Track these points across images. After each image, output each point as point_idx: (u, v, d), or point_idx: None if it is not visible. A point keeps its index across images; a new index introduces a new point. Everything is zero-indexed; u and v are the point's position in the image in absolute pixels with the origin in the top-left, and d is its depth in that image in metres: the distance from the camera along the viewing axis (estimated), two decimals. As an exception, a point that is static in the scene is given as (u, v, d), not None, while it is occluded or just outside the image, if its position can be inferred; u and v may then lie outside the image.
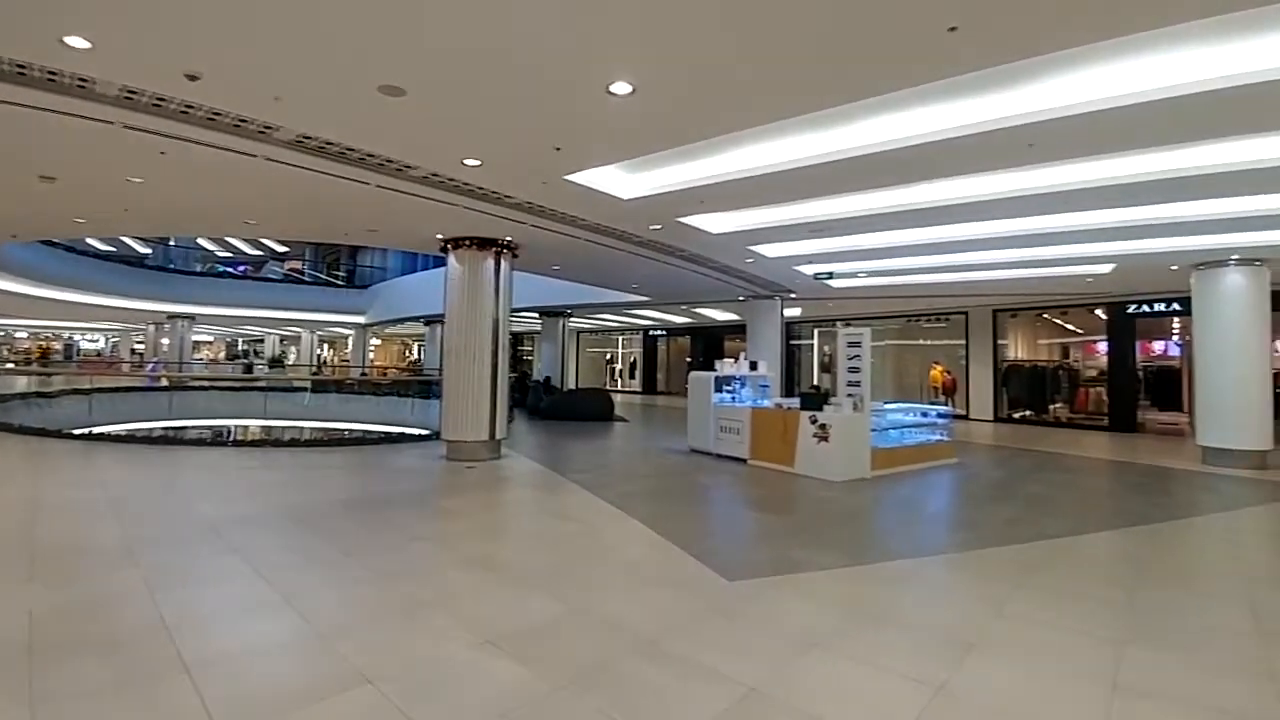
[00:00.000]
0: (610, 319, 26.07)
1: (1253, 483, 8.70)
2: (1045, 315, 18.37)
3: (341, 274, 30.63)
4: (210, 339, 42.71)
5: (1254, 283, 10.09)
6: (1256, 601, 4.21)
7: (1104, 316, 16.02)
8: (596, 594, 4.08)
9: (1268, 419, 10.06)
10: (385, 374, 29.77)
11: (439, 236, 9.58)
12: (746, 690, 2.88)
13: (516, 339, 34.08)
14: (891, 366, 21.28)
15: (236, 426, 15.11)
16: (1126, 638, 3.57)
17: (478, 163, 6.19)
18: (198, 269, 26.29)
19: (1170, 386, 16.05)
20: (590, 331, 31.19)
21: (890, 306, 17.96)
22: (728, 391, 10.65)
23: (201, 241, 27.62)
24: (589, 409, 16.13)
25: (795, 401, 9.38)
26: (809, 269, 12.33)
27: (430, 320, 23.75)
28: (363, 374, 24.20)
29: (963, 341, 18.36)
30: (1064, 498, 7.60)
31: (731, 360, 11.47)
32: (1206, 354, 10.57)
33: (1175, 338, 16.94)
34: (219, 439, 12.16)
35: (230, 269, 28.59)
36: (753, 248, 10.46)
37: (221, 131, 5.38)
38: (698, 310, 21.09)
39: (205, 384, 19.24)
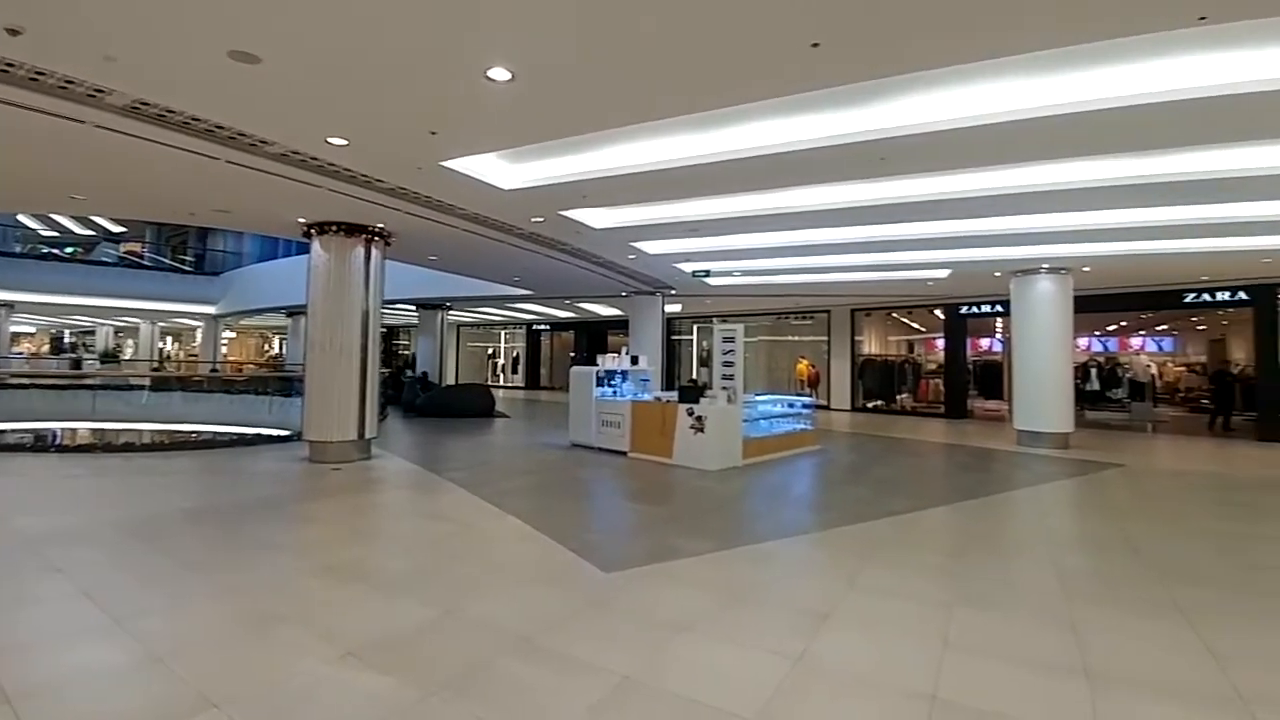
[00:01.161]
0: (492, 312, 25.43)
1: (1058, 460, 10.12)
2: (894, 314, 20.22)
3: (189, 259, 27.51)
4: (32, 330, 36.90)
5: (1060, 288, 11.72)
6: (1060, 563, 4.91)
7: (942, 316, 17.91)
8: (469, 595, 3.99)
9: (1069, 405, 11.77)
10: (240, 370, 27.09)
11: (301, 221, 8.88)
12: (620, 679, 2.95)
13: (390, 332, 32.33)
14: (763, 361, 22.47)
15: (61, 430, 13.17)
16: (956, 600, 4.04)
17: (344, 142, 5.81)
18: (16, 250, 22.55)
19: (994, 378, 18.26)
20: (471, 325, 30.24)
21: (763, 304, 18.95)
22: (609, 386, 10.76)
23: (22, 219, 23.67)
24: (468, 405, 15.68)
25: (675, 395, 9.68)
26: (688, 266, 12.72)
27: (293, 312, 21.97)
28: (214, 370, 21.85)
29: (825, 337, 19.77)
30: (907, 478, 8.45)
31: (614, 355, 11.60)
32: (1022, 349, 12.18)
33: (999, 335, 19.27)
34: (40, 444, 10.54)
35: (56, 250, 24.74)
36: (635, 244, 10.62)
37: (46, 94, 4.67)
38: (582, 305, 21.11)
39: (25, 381, 16.56)
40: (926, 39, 3.94)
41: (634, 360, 11.63)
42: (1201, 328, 20.35)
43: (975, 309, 16.71)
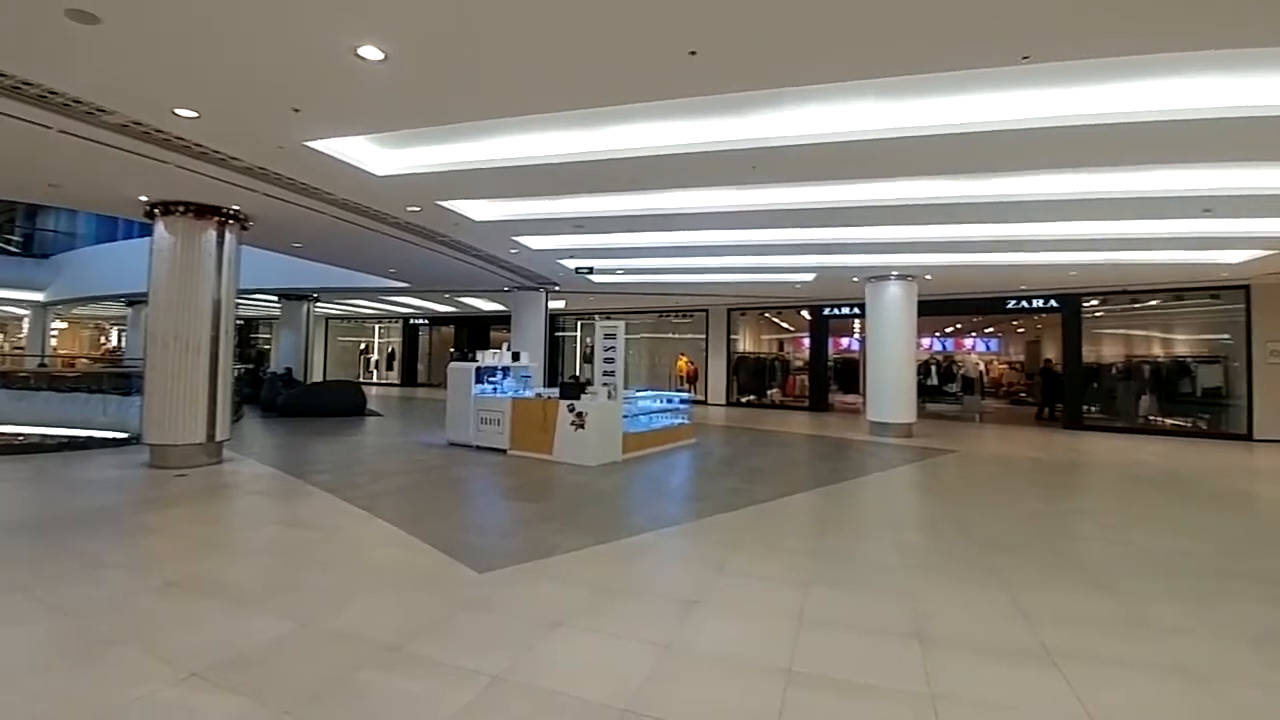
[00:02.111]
0: (365, 305, 24.01)
1: (903, 448, 11.20)
2: (767, 314, 21.40)
3: (15, 239, 23.73)
4: None
5: (906, 293, 12.97)
6: (901, 540, 5.46)
7: (808, 317, 19.19)
8: (331, 606, 3.79)
9: (913, 398, 13.10)
10: (73, 365, 23.53)
11: (143, 199, 7.92)
12: (490, 680, 2.94)
13: (248, 325, 29.60)
14: (645, 358, 22.95)
15: None
16: (812, 580, 4.38)
17: (194, 115, 5.27)
18: None
19: (852, 374, 19.91)
20: (341, 318, 28.37)
21: (645, 302, 19.35)
22: (490, 382, 10.56)
23: None
24: (336, 404, 14.71)
25: (556, 391, 9.66)
26: (571, 263, 12.72)
27: (134, 300, 19.56)
28: (42, 365, 18.85)
29: (704, 336, 20.54)
30: (773, 468, 9.00)
31: (495, 351, 11.38)
32: (874, 348, 13.37)
33: (857, 335, 20.96)
34: None
35: None
36: (517, 238, 10.47)
37: None
38: (463, 299, 20.47)
39: None
40: (789, 61, 4.23)
41: (515, 356, 11.48)
42: (1020, 330, 23.41)
43: (837, 311, 18.07)
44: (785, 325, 22.60)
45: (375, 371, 28.20)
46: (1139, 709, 2.81)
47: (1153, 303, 14.76)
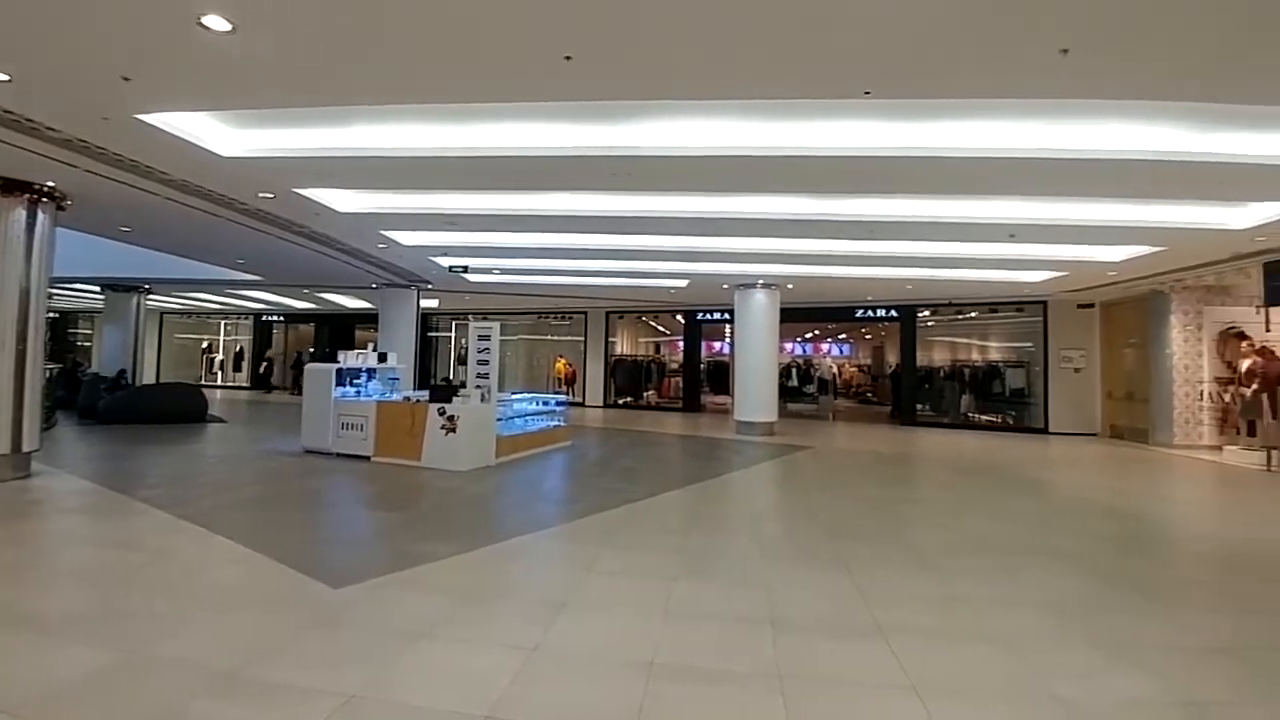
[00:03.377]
0: (208, 299, 21.71)
1: (765, 445, 11.94)
2: (644, 318, 21.90)
3: None
4: None
5: (770, 301, 13.85)
6: (759, 532, 5.85)
7: (682, 321, 19.89)
8: (160, 633, 3.43)
9: (774, 399, 14.00)
10: None
11: (-73, 170, 6.71)
12: (345, 700, 2.80)
13: (64, 319, 25.70)
14: (524, 359, 22.65)
15: None
16: (678, 575, 4.57)
17: (4, 78, 4.56)
18: None
19: (722, 376, 20.89)
20: (180, 314, 25.45)
21: (524, 303, 19.11)
22: (353, 385, 9.98)
23: None
24: (170, 409, 13.13)
25: (427, 394, 9.32)
26: (445, 261, 12.31)
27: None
28: None
29: (582, 338, 20.63)
30: (646, 468, 9.27)
31: (359, 351, 10.76)
32: (741, 351, 14.16)
33: (727, 339, 22.03)
34: None
35: None
36: (386, 233, 9.98)
37: None
38: (324, 296, 19.10)
39: None
40: (656, 77, 4.43)
41: (382, 357, 10.94)
42: (869, 337, 25.78)
43: (709, 316, 18.88)
44: (662, 329, 23.26)
45: (220, 373, 25.58)
46: (953, 674, 3.21)
47: (972, 314, 16.92)
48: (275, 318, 25.01)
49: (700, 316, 19.04)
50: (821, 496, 7.57)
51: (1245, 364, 10.95)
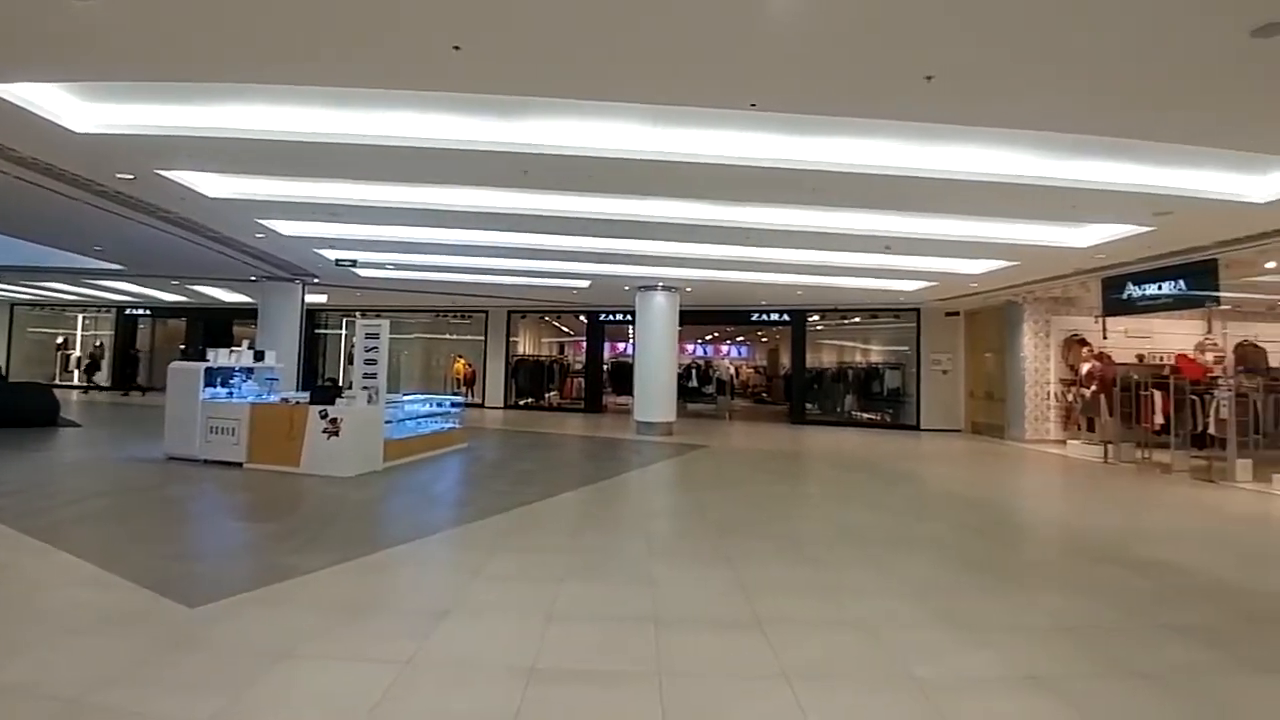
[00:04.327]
0: (62, 290, 19.36)
1: (663, 445, 12.18)
2: (547, 318, 21.70)
3: None
4: None
5: (670, 303, 14.14)
6: (650, 531, 5.95)
7: (585, 321, 19.88)
8: (-22, 665, 3.04)
9: (673, 399, 14.35)
10: None
11: None
12: (196, 724, 2.61)
13: None
14: (420, 359, 21.82)
15: None
16: (566, 576, 4.56)
17: None
18: None
19: (625, 377, 20.97)
20: (30, 305, 22.53)
21: (420, 301, 18.40)
22: (226, 386, 9.24)
23: None
24: (13, 411, 11.53)
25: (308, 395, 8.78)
26: (331, 254, 11.65)
27: None
28: None
29: (483, 337, 20.14)
30: (543, 469, 9.19)
31: (234, 350, 9.96)
32: (641, 353, 14.38)
33: (631, 340, 22.25)
34: None
35: None
36: (264, 222, 9.32)
37: None
38: (196, 288, 17.53)
39: None
40: (552, 77, 4.42)
41: (259, 355, 10.19)
42: (764, 339, 26.91)
43: (612, 317, 18.99)
44: (565, 329, 23.13)
45: (76, 372, 22.84)
46: (822, 659, 3.40)
47: (856, 320, 18.10)
48: (141, 312, 22.64)
49: (603, 317, 19.12)
50: (713, 494, 7.80)
51: (1086, 367, 12.35)
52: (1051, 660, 3.43)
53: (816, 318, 17.89)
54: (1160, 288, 9.90)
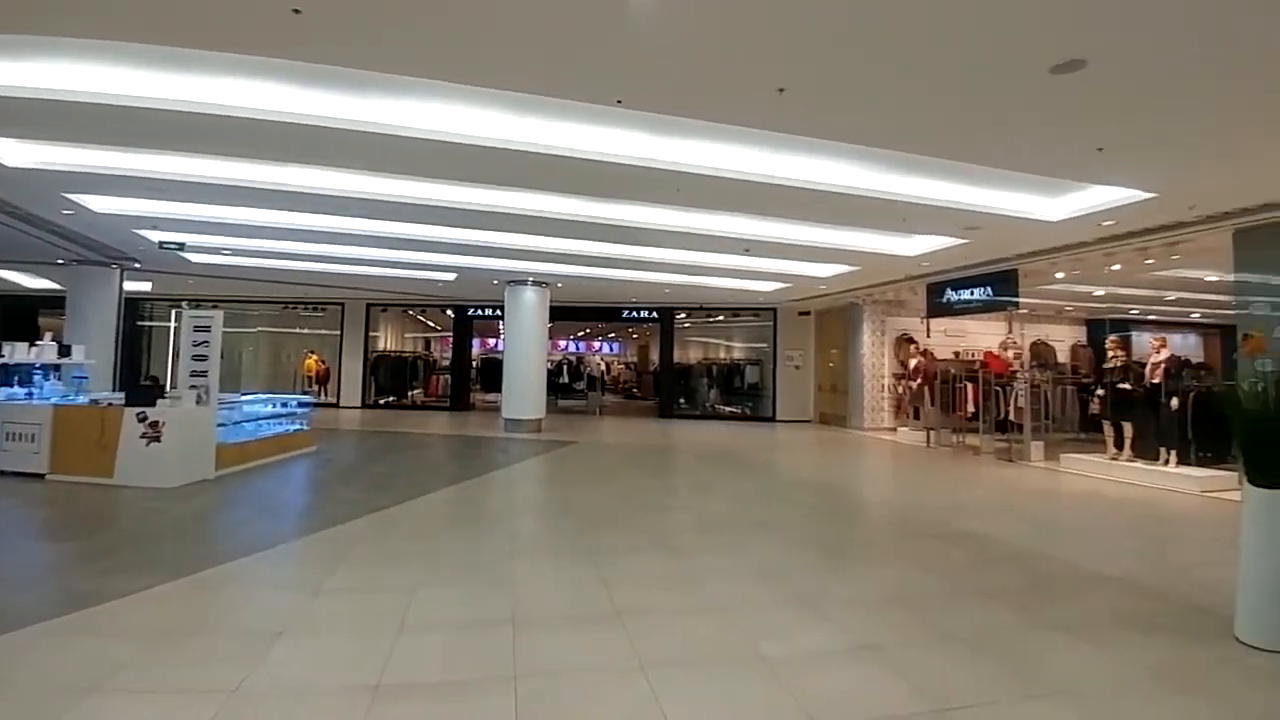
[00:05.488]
0: None
1: (532, 441, 12.06)
2: (411, 312, 20.64)
3: None
4: None
5: (540, 298, 14.00)
6: (513, 530, 5.84)
7: (452, 316, 19.15)
8: None
9: (543, 395, 14.25)
10: None
11: None
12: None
13: None
14: (266, 355, 19.93)
15: None
16: (420, 583, 4.35)
17: None
18: None
19: (495, 373, 20.46)
20: None
21: (264, 291, 16.78)
22: (23, 385, 7.93)
23: None
24: None
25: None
26: (155, 235, 10.31)
27: None
28: None
29: (338, 332, 18.76)
30: (401, 472, 8.73)
31: (34, 344, 8.54)
32: (511, 349, 14.13)
33: (501, 336, 21.77)
34: None
35: None
36: (72, 196, 8.06)
37: None
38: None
39: None
40: (389, 47, 4.19)
41: (64, 351, 8.84)
42: (635, 336, 27.44)
43: (481, 312, 18.44)
44: (432, 324, 22.11)
45: None
46: (677, 647, 3.50)
47: (720, 318, 18.97)
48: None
49: (472, 312, 18.50)
50: (578, 489, 7.83)
51: (913, 363, 13.76)
52: (882, 630, 3.77)
53: (683, 316, 18.52)
54: (973, 293, 11.28)
